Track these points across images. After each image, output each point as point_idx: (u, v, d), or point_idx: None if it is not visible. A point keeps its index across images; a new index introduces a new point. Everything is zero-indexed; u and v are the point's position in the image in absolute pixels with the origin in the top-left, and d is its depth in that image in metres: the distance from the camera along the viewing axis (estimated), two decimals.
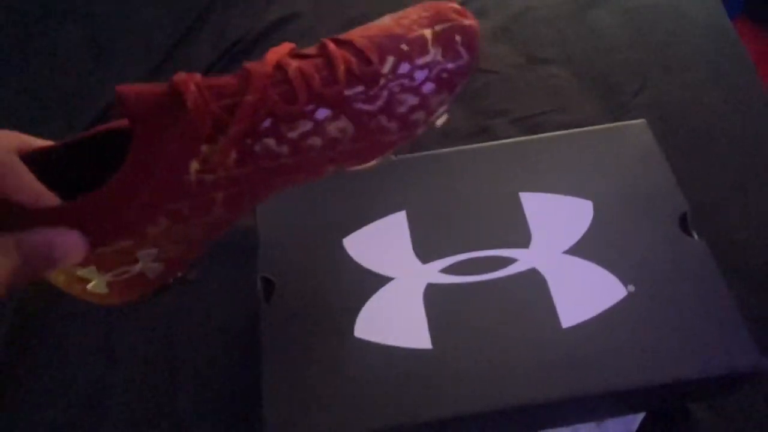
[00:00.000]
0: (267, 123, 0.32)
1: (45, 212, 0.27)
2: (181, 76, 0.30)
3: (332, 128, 0.34)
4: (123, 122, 0.31)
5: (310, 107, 0.33)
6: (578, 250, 0.44)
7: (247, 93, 0.31)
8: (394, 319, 0.42)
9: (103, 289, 0.33)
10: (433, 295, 0.43)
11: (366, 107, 0.34)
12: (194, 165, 0.30)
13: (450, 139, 0.63)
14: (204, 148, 0.30)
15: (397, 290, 0.43)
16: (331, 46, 0.34)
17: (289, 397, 0.39)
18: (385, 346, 0.41)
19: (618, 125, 0.50)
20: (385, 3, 0.76)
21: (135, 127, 0.29)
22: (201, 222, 0.33)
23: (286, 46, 0.35)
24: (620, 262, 0.43)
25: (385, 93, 0.34)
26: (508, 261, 0.44)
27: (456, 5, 0.38)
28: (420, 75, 0.35)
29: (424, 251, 0.45)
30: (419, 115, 0.36)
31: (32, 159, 0.29)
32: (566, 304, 0.42)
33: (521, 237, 0.45)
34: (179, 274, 0.36)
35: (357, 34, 0.35)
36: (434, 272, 0.44)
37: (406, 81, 0.35)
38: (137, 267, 0.33)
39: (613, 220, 0.45)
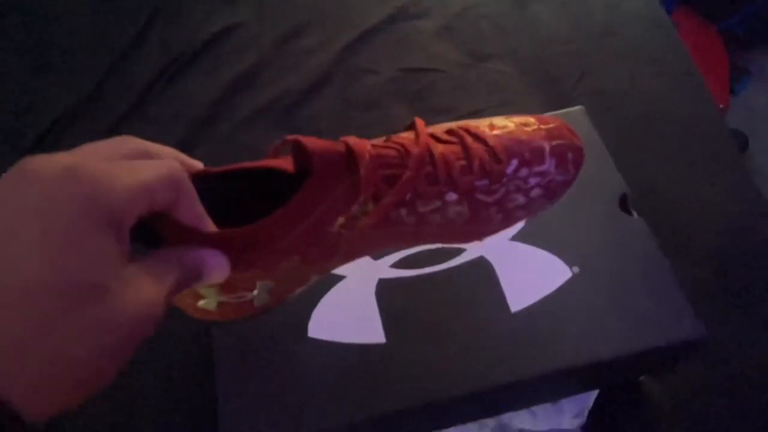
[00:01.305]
0: (408, 196, 0.35)
1: (204, 236, 0.29)
2: (358, 143, 0.33)
3: (453, 211, 0.37)
4: (275, 163, 0.34)
5: (444, 189, 0.36)
6: (523, 236, 0.45)
7: (406, 169, 0.34)
8: (348, 316, 0.42)
9: (212, 308, 0.35)
10: (385, 289, 0.43)
11: (485, 198, 0.38)
12: (340, 220, 0.34)
13: None
14: (354, 208, 0.34)
15: (349, 288, 0.43)
16: (468, 139, 0.37)
17: (245, 401, 0.39)
18: (339, 344, 0.41)
19: (557, 113, 0.52)
20: (327, 9, 0.77)
21: (312, 176, 0.32)
22: (321, 266, 0.36)
23: (421, 122, 0.38)
24: (564, 244, 0.44)
25: (502, 189, 0.38)
26: (457, 251, 0.45)
27: (569, 126, 0.42)
28: (533, 181, 0.39)
29: None
30: (521, 214, 0.40)
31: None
32: (514, 289, 0.43)
33: None
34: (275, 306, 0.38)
35: (487, 132, 0.39)
36: (385, 267, 0.44)
37: (521, 183, 0.38)
38: (251, 294, 0.35)
39: (555, 205, 0.46)
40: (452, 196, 0.36)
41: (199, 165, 0.32)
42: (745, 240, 0.56)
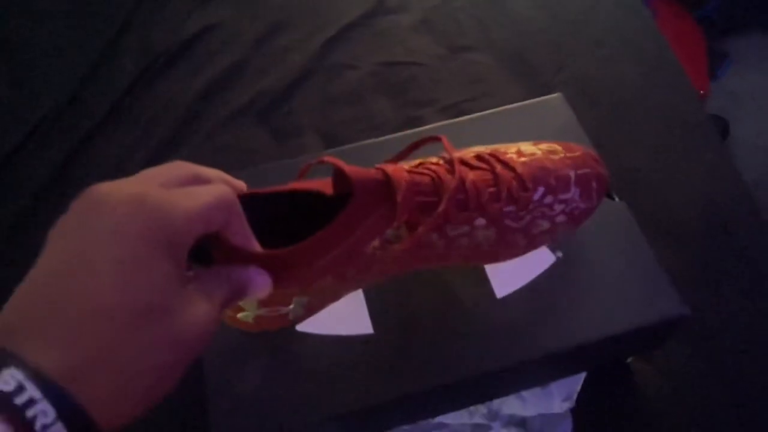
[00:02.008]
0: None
1: (252, 255, 0.31)
2: (396, 171, 0.35)
3: (481, 234, 0.38)
4: (314, 185, 0.37)
5: (474, 215, 0.37)
6: None
7: (439, 197, 0.36)
8: (335, 309, 0.42)
9: (249, 320, 0.37)
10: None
11: (512, 224, 0.39)
12: (375, 243, 0.36)
13: (380, 131, 0.64)
14: (389, 232, 0.36)
15: None
16: (498, 166, 0.39)
17: (234, 396, 0.39)
18: (328, 337, 0.41)
19: (536, 101, 0.52)
20: (304, 7, 0.77)
21: (352, 201, 0.33)
22: (353, 285, 0.38)
23: (449, 146, 0.39)
24: None
25: (528, 216, 0.39)
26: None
27: (595, 154, 0.43)
28: (558, 207, 0.40)
29: None
30: (545, 239, 0.41)
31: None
32: (499, 276, 0.43)
33: None
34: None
35: (515, 160, 0.40)
36: None
37: (546, 210, 0.40)
38: (287, 308, 0.36)
39: None
40: (481, 221, 0.38)
41: (242, 186, 0.34)
42: (725, 221, 0.56)
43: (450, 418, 0.45)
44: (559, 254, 0.44)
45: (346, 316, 0.42)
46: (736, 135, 1.39)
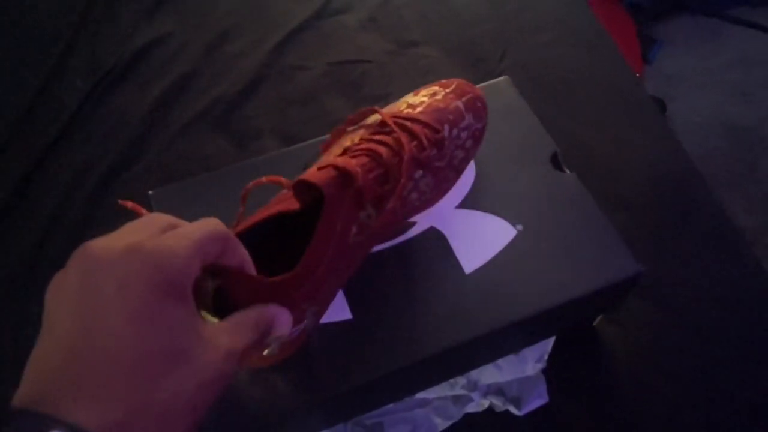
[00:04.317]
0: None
1: (270, 283, 0.33)
2: (343, 161, 0.38)
3: (423, 184, 0.43)
4: (282, 207, 0.39)
5: (413, 170, 0.42)
6: (468, 203, 0.48)
7: (386, 170, 0.40)
8: None
9: (274, 352, 0.37)
10: None
11: (439, 164, 0.44)
12: (354, 230, 0.38)
13: None
14: (362, 214, 0.38)
15: None
16: (408, 124, 0.43)
17: None
18: None
19: (483, 85, 0.55)
20: (250, 13, 0.78)
21: (327, 202, 0.36)
22: (345, 276, 0.40)
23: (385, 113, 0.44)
24: (506, 205, 0.47)
25: (447, 152, 0.45)
26: (408, 225, 0.47)
27: (464, 81, 0.49)
28: (464, 135, 0.46)
29: None
30: (464, 165, 0.47)
31: None
32: (466, 253, 0.45)
33: None
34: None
35: (414, 113, 0.44)
36: None
37: (457, 141, 0.45)
38: (304, 324, 0.37)
39: (493, 170, 0.49)
40: (419, 173, 0.42)
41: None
42: (670, 187, 0.60)
43: (432, 393, 0.47)
44: (520, 227, 0.46)
45: None
46: (673, 114, 1.46)
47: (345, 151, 0.41)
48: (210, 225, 0.29)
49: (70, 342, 0.24)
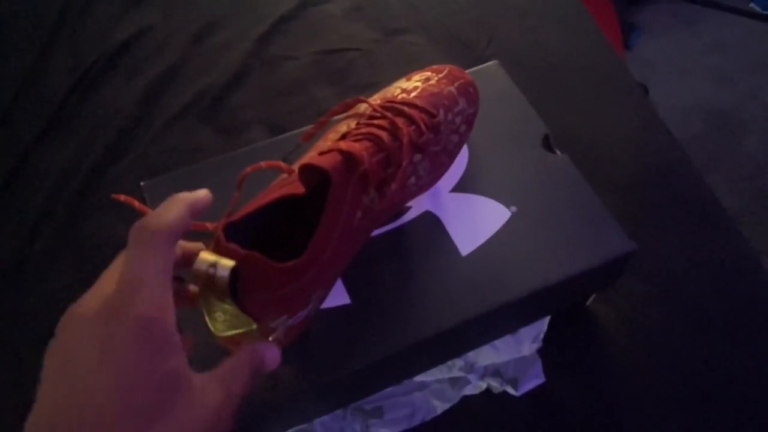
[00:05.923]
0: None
1: (280, 269, 0.33)
2: (349, 145, 0.38)
3: (420, 168, 0.43)
4: (287, 191, 0.38)
5: (415, 154, 0.42)
6: (462, 186, 0.48)
7: (388, 153, 0.40)
8: None
9: (280, 338, 0.37)
10: None
11: (435, 148, 0.44)
12: (359, 214, 0.38)
13: None
14: (365, 198, 0.38)
15: None
16: (405, 108, 0.43)
17: None
18: None
19: (473, 70, 0.55)
20: (234, 4, 0.77)
21: (333, 186, 0.36)
22: (348, 260, 0.41)
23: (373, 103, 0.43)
24: (500, 188, 0.48)
25: (443, 136, 0.45)
26: (404, 209, 0.47)
27: (456, 67, 0.50)
28: (458, 120, 0.46)
29: None
30: (458, 149, 0.48)
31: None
32: (462, 235, 0.45)
33: None
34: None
35: (409, 98, 0.45)
36: None
37: (451, 125, 0.46)
38: (307, 309, 0.37)
39: (486, 154, 0.50)
40: (418, 157, 0.43)
41: (201, 194, 0.32)
42: (659, 168, 0.61)
43: (430, 376, 0.47)
44: (513, 209, 0.47)
45: None
46: (655, 98, 1.48)
47: (344, 137, 0.41)
48: (149, 255, 0.28)
49: (54, 409, 0.25)
